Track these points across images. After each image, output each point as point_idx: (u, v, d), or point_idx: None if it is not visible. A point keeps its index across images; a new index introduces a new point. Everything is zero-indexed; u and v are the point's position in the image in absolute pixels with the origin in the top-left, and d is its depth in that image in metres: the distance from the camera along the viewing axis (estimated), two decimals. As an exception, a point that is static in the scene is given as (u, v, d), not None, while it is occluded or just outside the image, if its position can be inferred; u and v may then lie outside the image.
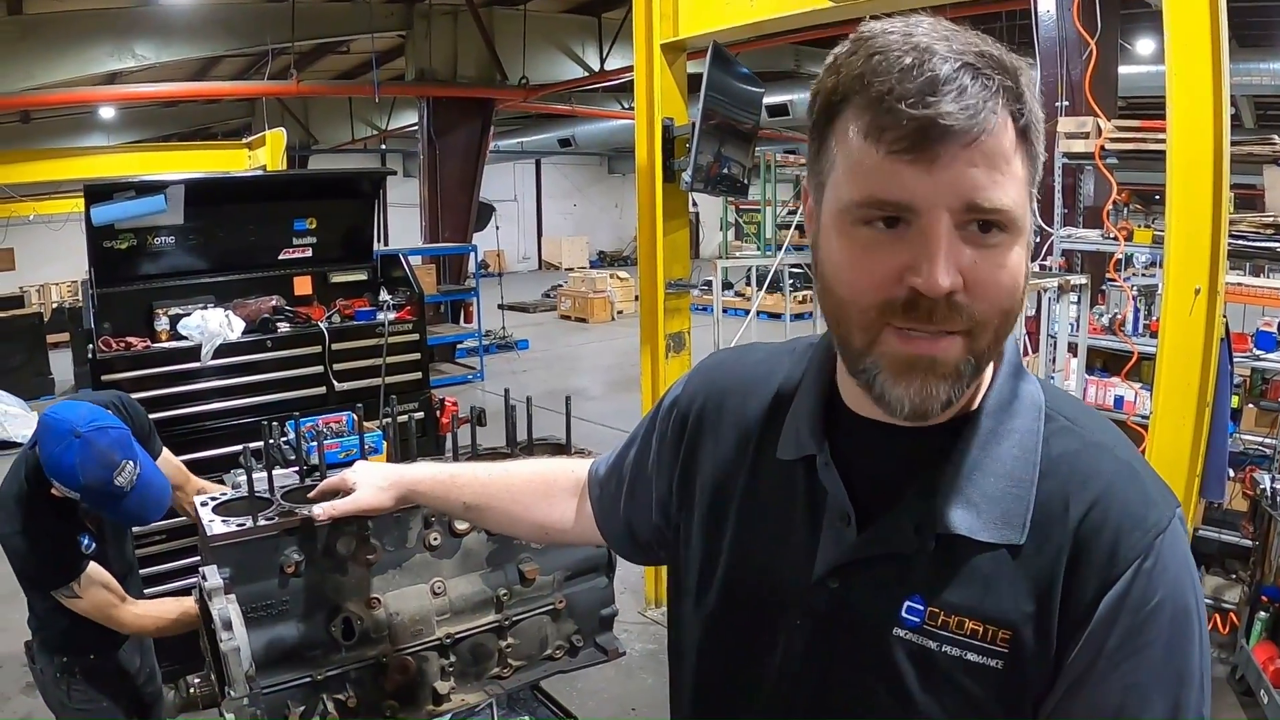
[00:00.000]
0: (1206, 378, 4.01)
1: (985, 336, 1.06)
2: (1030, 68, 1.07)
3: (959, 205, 1.01)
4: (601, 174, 38.88)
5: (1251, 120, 18.34)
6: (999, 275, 1.04)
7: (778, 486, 1.28)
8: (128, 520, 3.13)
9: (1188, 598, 1.07)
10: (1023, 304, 1.09)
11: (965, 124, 0.98)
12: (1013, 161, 1.03)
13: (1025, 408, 1.17)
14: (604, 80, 15.91)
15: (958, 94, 0.98)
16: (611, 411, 11.18)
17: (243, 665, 1.92)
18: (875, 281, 1.05)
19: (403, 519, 2.28)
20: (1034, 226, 1.13)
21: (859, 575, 1.17)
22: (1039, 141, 1.07)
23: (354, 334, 5.27)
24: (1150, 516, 1.08)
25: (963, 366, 1.07)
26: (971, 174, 1.00)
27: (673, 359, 6.13)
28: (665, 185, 5.88)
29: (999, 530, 1.10)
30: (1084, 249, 6.79)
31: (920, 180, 1.01)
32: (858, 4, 4.74)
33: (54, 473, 2.87)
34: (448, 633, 2.32)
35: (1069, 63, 7.17)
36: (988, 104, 0.99)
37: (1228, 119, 3.83)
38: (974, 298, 1.03)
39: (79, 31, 12.30)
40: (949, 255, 1.01)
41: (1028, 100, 1.04)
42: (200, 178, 7.15)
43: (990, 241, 1.03)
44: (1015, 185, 1.03)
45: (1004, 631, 1.09)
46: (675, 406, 1.49)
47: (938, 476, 1.13)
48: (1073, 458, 1.13)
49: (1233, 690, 5.33)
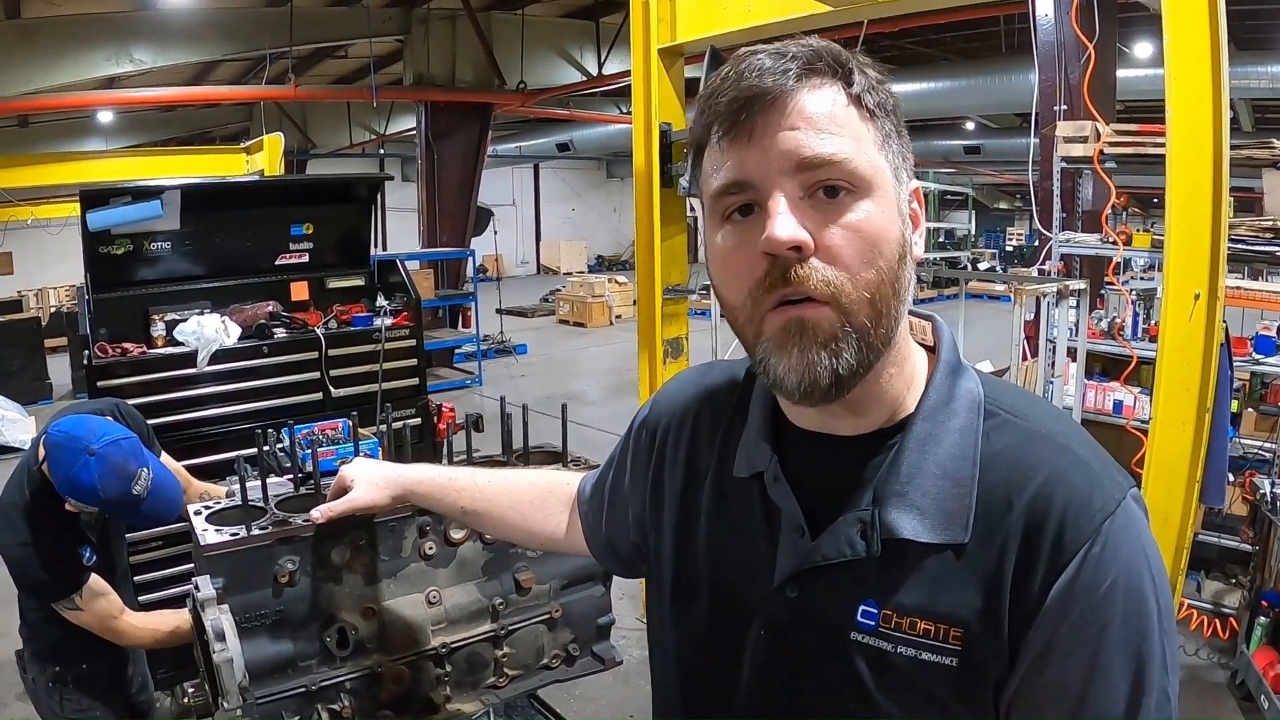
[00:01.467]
0: (1206, 383, 3.99)
1: (859, 309, 1.08)
2: (875, 66, 1.14)
3: (788, 166, 1.07)
4: (600, 178, 38.92)
5: (1250, 123, 18.35)
6: (852, 238, 1.07)
7: (739, 502, 1.31)
8: (147, 523, 3.15)
9: (1142, 579, 1.07)
10: (897, 274, 1.10)
11: (770, 87, 1.07)
12: (844, 122, 1.08)
13: (963, 406, 1.18)
14: (602, 85, 15.93)
15: (761, 71, 1.08)
16: (609, 416, 11.16)
17: (236, 676, 1.90)
18: (740, 271, 1.11)
19: (398, 528, 2.26)
20: (904, 197, 1.14)
21: (815, 583, 1.19)
22: (888, 116, 1.13)
23: (351, 340, 5.25)
24: (1096, 500, 1.08)
25: (841, 336, 1.08)
26: (793, 135, 1.07)
27: (670, 364, 6.11)
28: (663, 191, 5.87)
29: (943, 531, 1.12)
30: (1082, 253, 6.79)
31: (748, 153, 1.08)
32: (855, 8, 4.73)
33: (72, 491, 2.89)
34: (443, 642, 2.30)
35: (1067, 66, 7.17)
36: (792, 70, 1.07)
37: (1227, 123, 3.82)
38: (828, 257, 1.06)
39: (77, 35, 12.30)
40: (787, 211, 1.06)
41: (856, 75, 1.10)
42: (197, 183, 7.15)
43: (840, 204, 1.07)
44: (850, 142, 1.08)
45: (955, 629, 1.10)
46: (644, 427, 1.54)
47: (881, 482, 1.15)
48: (1014, 450, 1.14)
49: (1233, 695, 5.33)
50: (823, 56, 1.09)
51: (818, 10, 4.70)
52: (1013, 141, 21.42)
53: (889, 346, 1.13)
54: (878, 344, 1.11)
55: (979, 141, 23.21)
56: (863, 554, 1.14)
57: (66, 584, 3.03)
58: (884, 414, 1.19)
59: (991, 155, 23.99)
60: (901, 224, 1.11)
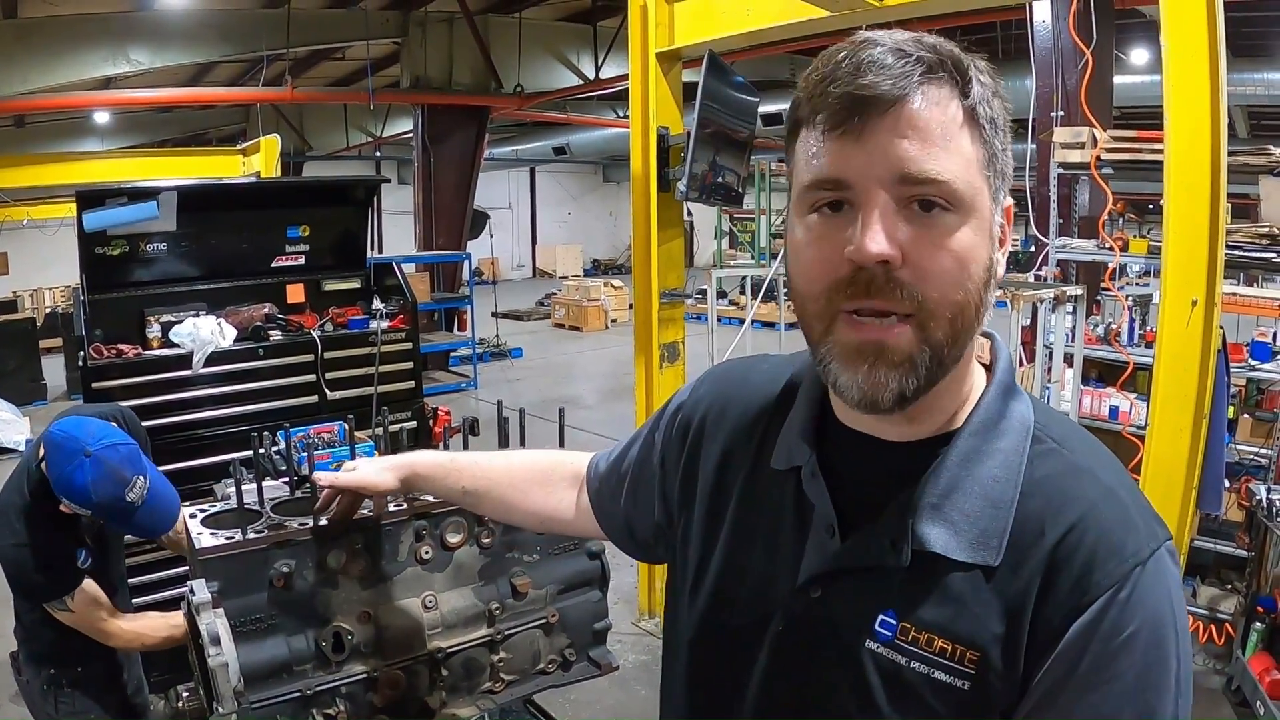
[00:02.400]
0: (1204, 389, 4.00)
1: (938, 327, 1.06)
2: (990, 71, 1.10)
3: (890, 176, 1.04)
4: (596, 182, 38.94)
5: (1245, 130, 18.41)
6: (941, 254, 1.05)
7: (772, 495, 1.29)
8: (139, 533, 3.14)
9: (1165, 634, 1.05)
10: (982, 298, 1.09)
11: (887, 91, 1.02)
12: (954, 138, 1.05)
13: (1013, 428, 1.16)
14: (599, 88, 15.93)
15: (880, 68, 1.03)
16: (605, 420, 11.15)
17: (231, 681, 1.89)
18: (822, 264, 1.08)
19: (394, 531, 2.25)
20: (998, 219, 1.13)
21: (838, 586, 1.18)
22: (997, 133, 1.09)
23: (346, 342, 5.24)
24: (1130, 545, 1.06)
25: (917, 357, 1.07)
26: (901, 145, 1.03)
27: (667, 369, 6.10)
28: (660, 195, 5.87)
29: (975, 550, 1.10)
30: (1079, 259, 6.79)
31: (852, 154, 1.04)
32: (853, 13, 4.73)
33: (65, 491, 2.88)
34: (439, 647, 2.29)
35: (1064, 72, 7.18)
36: (913, 76, 1.03)
37: (1225, 130, 3.83)
38: (915, 275, 1.04)
39: (74, 36, 12.28)
40: (881, 223, 1.03)
41: (975, 85, 1.07)
42: (193, 184, 7.14)
43: (934, 220, 1.05)
44: (957, 161, 1.05)
45: (972, 653, 1.08)
46: (680, 411, 1.52)
47: (918, 492, 1.13)
48: (1056, 480, 1.12)
49: (1228, 702, 5.32)
50: (945, 60, 1.06)
51: (816, 15, 4.70)
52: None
53: (958, 365, 1.13)
54: (949, 364, 1.10)
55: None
56: (891, 563, 1.13)
57: (59, 585, 3.02)
58: (935, 424, 1.18)
59: (988, 160, 24.01)
60: (991, 247, 1.10)
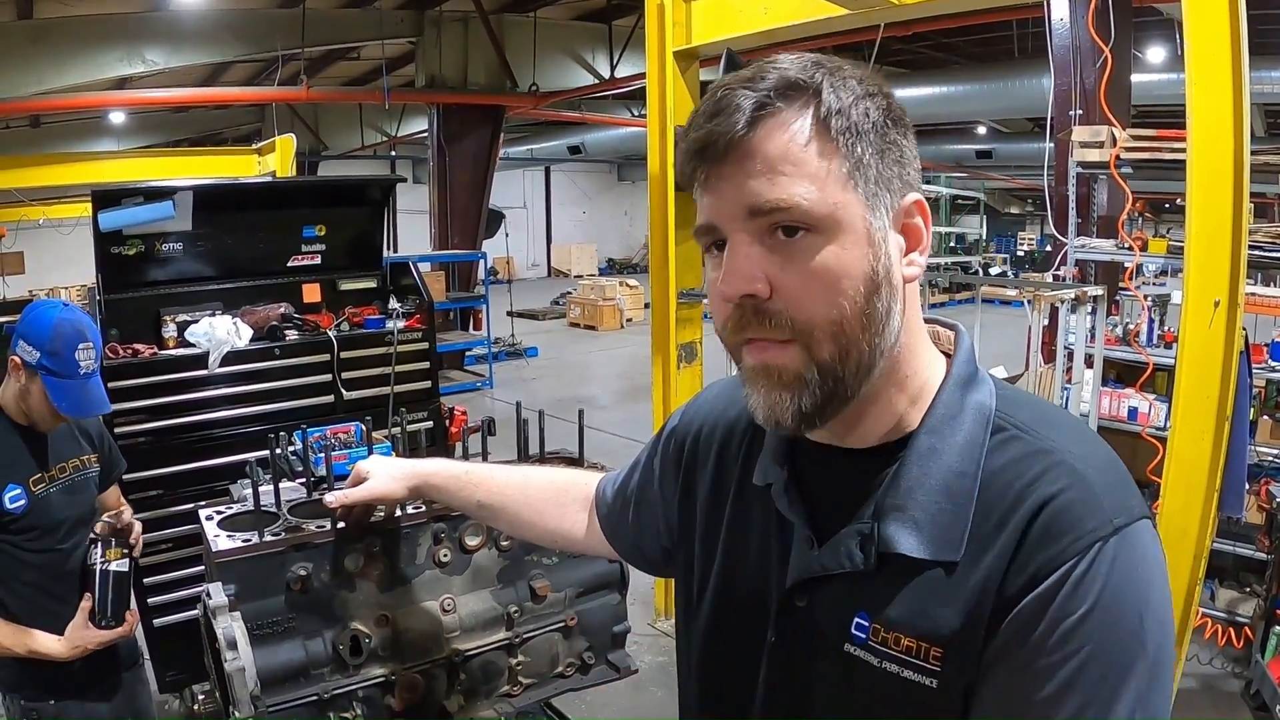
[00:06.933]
0: (1226, 391, 3.96)
1: (821, 346, 1.09)
2: (862, 77, 1.11)
3: (741, 212, 1.08)
4: (611, 181, 38.96)
5: (1262, 128, 18.28)
6: (810, 280, 1.07)
7: (758, 510, 1.33)
8: (69, 404, 3.02)
9: (1126, 616, 1.01)
10: (866, 309, 1.09)
11: (725, 132, 1.06)
12: (800, 160, 1.07)
13: (969, 420, 1.16)
14: (614, 88, 15.96)
15: (714, 115, 1.08)
16: (622, 421, 11.14)
17: (248, 686, 1.88)
18: (716, 302, 1.14)
19: (412, 534, 2.24)
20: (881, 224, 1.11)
21: (819, 593, 1.20)
22: (860, 139, 1.09)
23: (363, 342, 5.22)
24: (1090, 522, 1.03)
25: (806, 375, 1.10)
26: (748, 181, 1.07)
27: (684, 369, 6.08)
28: (678, 194, 5.85)
29: (937, 548, 1.10)
30: (1098, 259, 6.75)
31: (711, 199, 1.11)
32: (870, 11, 4.70)
33: (28, 329, 2.98)
34: (457, 650, 2.28)
35: (1083, 71, 7.14)
36: (745, 112, 1.07)
37: (1248, 129, 3.79)
38: (785, 302, 1.08)
39: (89, 36, 12.35)
40: (740, 261, 1.08)
41: (827, 98, 1.08)
42: (209, 184, 7.14)
43: (796, 245, 1.07)
44: (806, 183, 1.06)
45: (935, 648, 1.09)
46: (674, 436, 1.57)
47: (883, 496, 1.15)
48: (1015, 466, 1.11)
49: (1247, 706, 5.29)
50: (792, 80, 1.08)
51: (833, 13, 4.68)
52: (1025, 146, 21.36)
53: (870, 375, 1.13)
54: (849, 378, 1.11)
55: (991, 146, 23.16)
56: (860, 565, 1.14)
57: None
58: (886, 428, 1.19)
59: (1003, 160, 23.96)
60: (873, 257, 1.09)
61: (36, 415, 3.06)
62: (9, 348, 3.03)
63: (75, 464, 3.26)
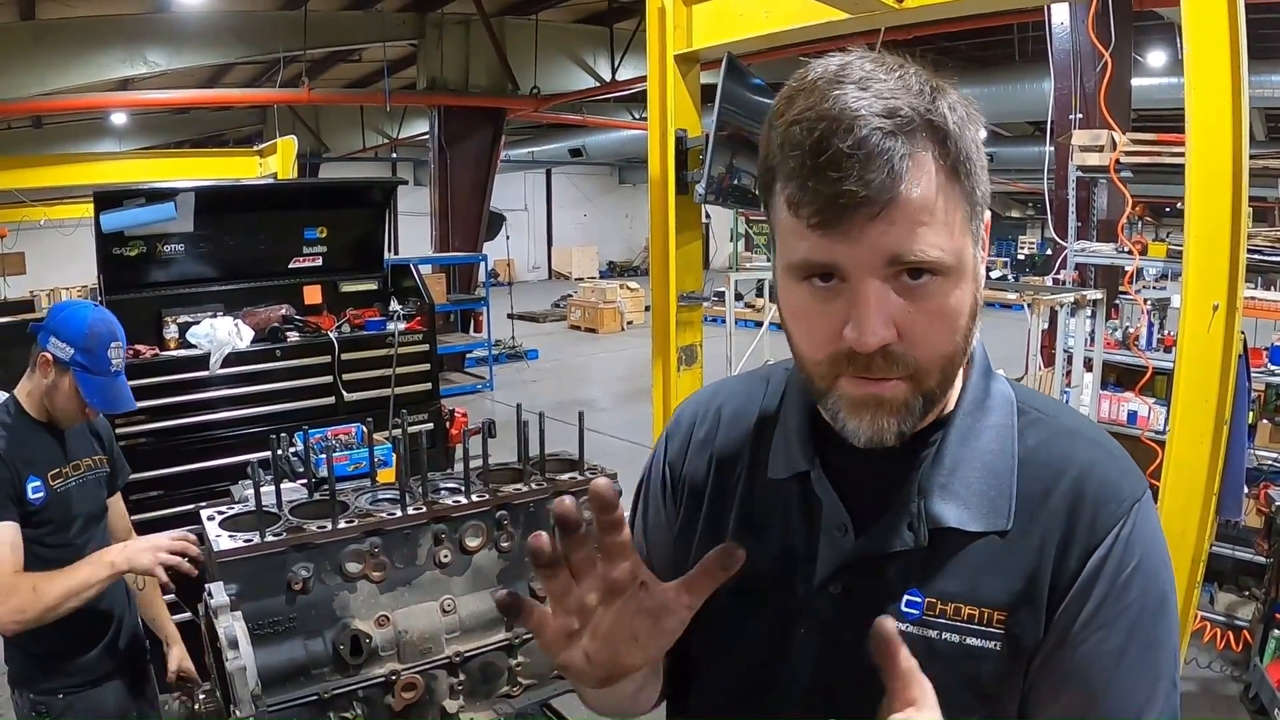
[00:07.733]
0: (1225, 395, 3.96)
1: (931, 378, 1.11)
2: (959, 96, 1.09)
3: (881, 263, 1.04)
4: (612, 184, 38.96)
5: (1263, 132, 18.29)
6: (934, 322, 1.08)
7: (771, 505, 1.31)
8: (102, 399, 3.05)
9: (1160, 564, 1.16)
10: (969, 337, 1.13)
11: (874, 194, 1.00)
12: (937, 210, 1.05)
13: (998, 404, 1.24)
14: (615, 90, 15.94)
15: (863, 165, 1.00)
16: (622, 423, 11.14)
17: (249, 684, 1.89)
18: (819, 338, 1.10)
19: (413, 535, 2.25)
20: (980, 254, 1.14)
21: (860, 578, 1.21)
22: (974, 170, 1.09)
23: (364, 344, 5.24)
24: (1125, 488, 1.16)
25: (912, 403, 1.11)
26: (890, 233, 1.03)
27: (685, 372, 6.08)
28: (678, 197, 5.85)
29: (986, 519, 1.16)
30: (1098, 263, 6.76)
31: (841, 247, 1.04)
32: (871, 15, 4.70)
33: (60, 326, 3.00)
34: (457, 651, 2.29)
35: (1083, 75, 7.15)
36: (895, 166, 1.01)
37: (1247, 133, 3.79)
38: (910, 345, 1.07)
39: (91, 37, 12.35)
40: (877, 311, 1.05)
41: (953, 134, 1.05)
42: (210, 185, 7.15)
43: (924, 288, 1.06)
44: (941, 231, 1.05)
45: (999, 613, 1.14)
46: (669, 469, 1.49)
47: (924, 477, 1.19)
48: (1048, 444, 1.20)
49: (1246, 709, 5.29)
50: (923, 119, 1.03)
51: (835, 17, 4.68)
52: (1025, 150, 21.34)
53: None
54: (940, 396, 1.16)
55: (991, 150, 23.06)
56: (911, 545, 1.17)
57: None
58: (930, 419, 1.21)
59: (1003, 164, 23.89)
60: (976, 289, 1.12)
61: (60, 412, 3.09)
62: (35, 345, 3.05)
63: (89, 463, 3.28)
